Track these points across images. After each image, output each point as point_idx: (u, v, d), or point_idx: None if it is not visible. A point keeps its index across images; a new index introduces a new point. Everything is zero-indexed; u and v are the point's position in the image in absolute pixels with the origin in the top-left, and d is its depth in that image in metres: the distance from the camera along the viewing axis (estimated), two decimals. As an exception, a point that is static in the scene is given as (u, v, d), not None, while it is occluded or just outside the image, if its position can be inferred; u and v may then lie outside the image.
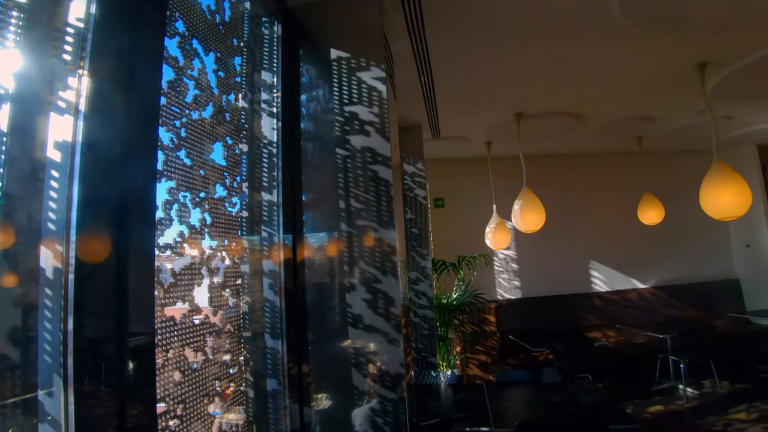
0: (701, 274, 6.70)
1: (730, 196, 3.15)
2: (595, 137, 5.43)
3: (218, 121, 1.81)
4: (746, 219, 6.57)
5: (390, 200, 1.69)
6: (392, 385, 1.69)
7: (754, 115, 5.17)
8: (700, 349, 4.84)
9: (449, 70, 3.16)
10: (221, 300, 1.74)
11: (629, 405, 4.75)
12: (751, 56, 3.35)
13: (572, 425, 2.34)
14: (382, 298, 1.69)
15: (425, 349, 3.94)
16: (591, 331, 5.93)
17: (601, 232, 6.47)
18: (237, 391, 1.81)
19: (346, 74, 1.92)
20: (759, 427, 4.00)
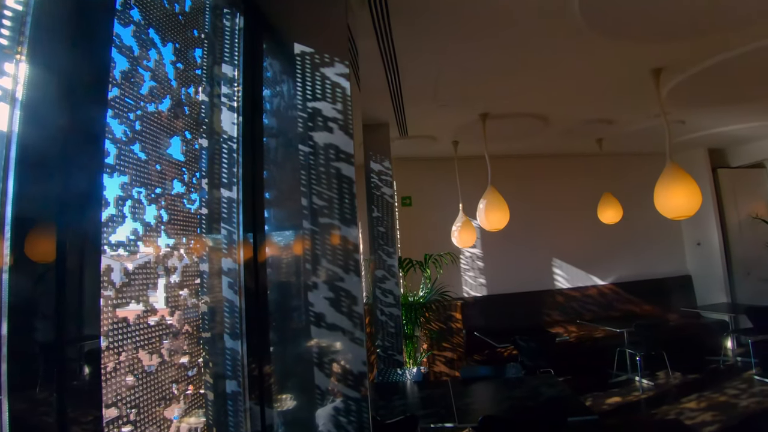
0: (656, 270, 7.02)
1: (681, 197, 3.30)
2: (557, 139, 5.57)
3: (176, 114, 1.75)
4: (697, 219, 6.93)
5: (353, 198, 1.67)
6: (355, 384, 1.68)
7: (705, 121, 5.44)
8: (654, 342, 5.06)
9: (416, 69, 3.17)
10: (179, 300, 1.68)
11: (589, 397, 4.92)
12: (702, 64, 3.51)
13: (533, 419, 2.39)
14: (344, 296, 1.67)
15: (392, 347, 3.95)
16: (553, 326, 6.10)
17: (563, 230, 6.66)
18: (196, 394, 1.76)
19: (310, 70, 1.89)
20: (708, 414, 4.22)
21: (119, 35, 1.44)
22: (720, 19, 2.83)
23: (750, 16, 2.81)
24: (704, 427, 3.97)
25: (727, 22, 2.87)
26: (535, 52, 3.09)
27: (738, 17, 2.81)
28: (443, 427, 2.61)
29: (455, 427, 2.61)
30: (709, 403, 4.50)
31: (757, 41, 3.16)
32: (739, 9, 2.71)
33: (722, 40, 3.13)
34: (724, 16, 2.79)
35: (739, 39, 3.13)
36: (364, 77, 3.08)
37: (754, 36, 3.09)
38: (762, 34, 3.06)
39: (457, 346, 5.33)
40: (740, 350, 6.11)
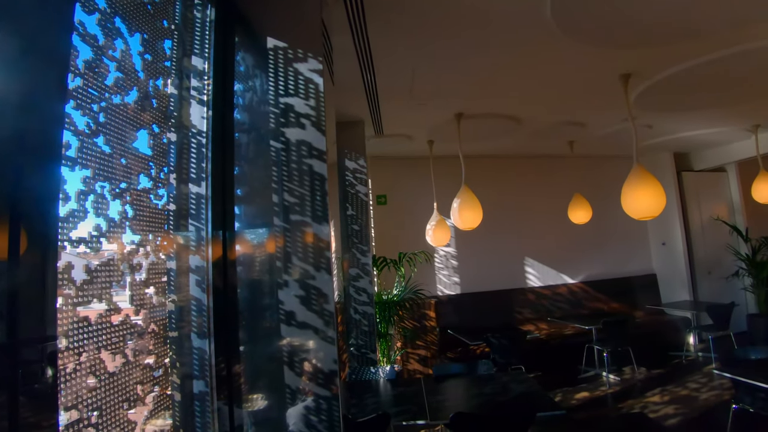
0: (623, 269, 7.24)
1: (647, 198, 3.41)
2: (530, 140, 5.67)
3: (143, 107, 1.69)
4: (662, 219, 7.18)
5: (324, 195, 1.66)
6: (326, 383, 1.67)
7: (671, 125, 5.64)
8: (620, 338, 5.23)
9: (391, 67, 3.16)
10: (144, 299, 1.64)
11: (558, 392, 5.04)
12: (668, 71, 3.63)
13: (503, 414, 2.43)
14: (315, 294, 1.65)
15: (365, 345, 3.94)
16: (525, 324, 6.22)
17: (535, 230, 6.79)
18: (162, 395, 1.71)
19: (283, 65, 1.86)
20: (671, 408, 4.38)
21: (83, 23, 1.38)
22: (685, 29, 2.93)
23: (714, 27, 2.92)
24: (667, 420, 4.13)
25: (693, 32, 2.98)
26: (509, 54, 3.13)
27: (703, 27, 2.92)
28: (415, 425, 2.62)
29: (427, 424, 2.63)
30: (671, 397, 4.68)
31: (720, 50, 3.28)
32: (704, 20, 2.82)
33: (687, 48, 3.25)
34: (690, 25, 2.90)
35: (703, 48, 3.25)
36: (339, 74, 3.05)
37: (718, 45, 3.22)
38: (724, 43, 3.19)
39: (431, 344, 5.37)
40: (701, 346, 6.38)
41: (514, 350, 4.68)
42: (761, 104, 4.83)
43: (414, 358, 5.32)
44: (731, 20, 2.84)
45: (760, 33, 3.05)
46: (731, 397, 3.47)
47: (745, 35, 3.08)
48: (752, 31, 3.03)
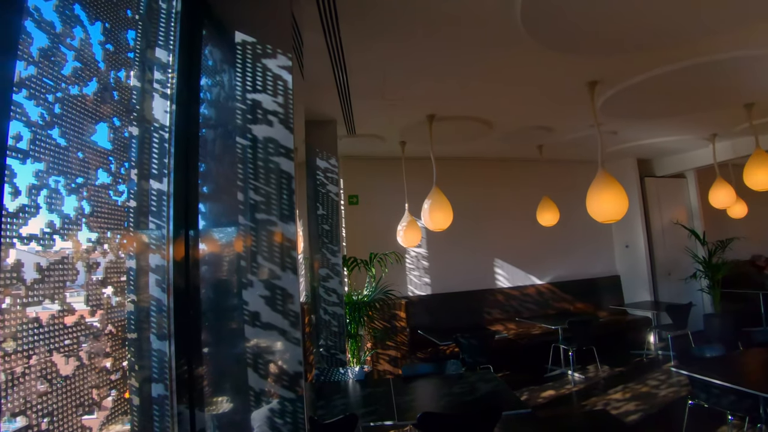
0: (588, 271, 7.45)
1: (610, 202, 3.51)
2: (501, 143, 5.76)
3: (103, 99, 1.63)
4: (626, 223, 7.44)
5: (291, 194, 1.63)
6: (291, 384, 1.64)
7: (635, 132, 5.84)
8: (585, 337, 5.37)
9: (364, 66, 3.15)
10: (101, 299, 1.57)
11: (525, 391, 5.14)
12: (633, 79, 3.75)
13: (470, 414, 2.45)
14: (280, 294, 1.62)
15: (335, 346, 3.91)
16: (494, 324, 6.32)
17: (504, 232, 6.90)
18: (120, 399, 1.65)
19: (251, 60, 1.83)
20: (632, 404, 4.54)
21: (38, 8, 1.33)
22: (650, 40, 3.04)
23: (679, 38, 3.04)
24: (628, 417, 4.27)
25: (657, 42, 3.09)
26: (479, 57, 3.16)
27: (667, 38, 3.03)
28: (383, 425, 2.62)
29: (395, 425, 2.63)
30: (633, 394, 4.84)
31: (683, 61, 3.42)
32: (668, 31, 2.93)
33: (651, 58, 3.37)
34: (655, 36, 3.01)
35: (666, 58, 3.38)
36: (311, 71, 3.02)
37: (681, 56, 3.35)
38: (686, 54, 3.32)
39: (401, 344, 5.38)
40: (661, 344, 6.63)
41: (482, 350, 4.74)
42: (718, 114, 5.07)
43: (384, 359, 5.32)
44: (691, 33, 2.96)
45: (716, 47, 3.20)
46: (688, 393, 3.62)
47: (703, 48, 3.22)
48: (709, 45, 3.17)
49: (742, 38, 3.08)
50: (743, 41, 3.13)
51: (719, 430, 3.72)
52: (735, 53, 3.32)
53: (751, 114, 4.72)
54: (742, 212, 6.53)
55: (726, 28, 2.90)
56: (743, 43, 3.16)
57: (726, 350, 3.63)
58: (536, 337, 5.94)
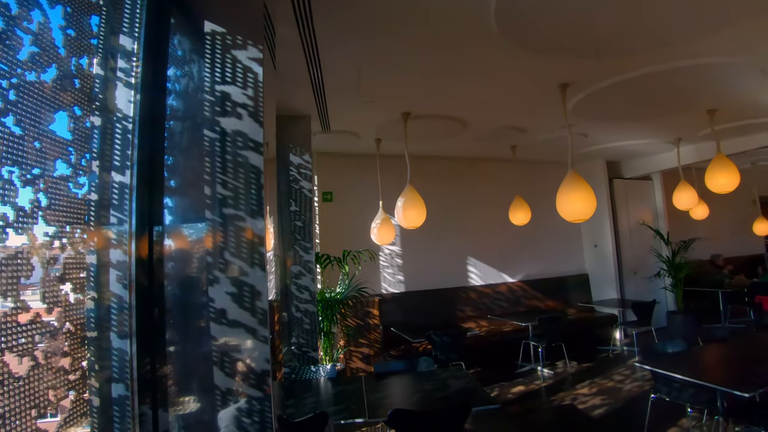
0: (559, 269, 7.62)
1: (579, 202, 3.59)
2: (475, 143, 5.81)
3: (63, 86, 1.56)
4: (595, 223, 7.64)
5: (260, 189, 1.59)
6: (258, 383, 1.61)
7: (604, 135, 6.00)
8: (554, 334, 5.50)
9: (338, 62, 3.12)
10: (59, 296, 1.51)
11: (496, 387, 5.22)
12: (602, 83, 3.85)
13: (440, 410, 2.47)
14: (248, 291, 1.58)
15: (306, 344, 3.87)
16: (466, 321, 6.39)
17: (477, 230, 6.98)
18: (79, 400, 1.58)
19: (221, 51, 1.78)
20: (598, 398, 4.67)
21: (-9, -12, 1.25)
22: (619, 45, 3.11)
23: (646, 44, 3.12)
24: (594, 411, 4.39)
25: (626, 48, 3.17)
26: (454, 57, 3.18)
27: (636, 44, 3.11)
28: (354, 423, 2.61)
29: (365, 422, 2.63)
30: (599, 389, 4.99)
31: (650, 66, 3.52)
32: (637, 37, 3.01)
33: (620, 62, 3.46)
34: (624, 42, 3.09)
35: (634, 63, 3.48)
36: (284, 65, 2.97)
37: (648, 62, 3.45)
38: (653, 60, 3.42)
39: (374, 341, 5.38)
40: (627, 341, 6.85)
41: (454, 347, 4.78)
42: (683, 119, 5.25)
43: (357, 356, 5.30)
44: (658, 40, 3.06)
45: (681, 54, 3.31)
46: (651, 387, 3.74)
47: (669, 55, 3.33)
48: (675, 52, 3.28)
49: (705, 46, 3.19)
50: (707, 49, 3.25)
51: (680, 423, 3.87)
52: (698, 60, 3.44)
53: (713, 120, 4.91)
54: (704, 214, 6.81)
55: (690, 36, 3.01)
56: (707, 51, 3.28)
57: (687, 346, 3.77)
58: (507, 334, 6.04)
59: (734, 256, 8.92)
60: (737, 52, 3.35)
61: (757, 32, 3.00)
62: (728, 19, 2.81)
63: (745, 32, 2.99)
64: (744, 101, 4.60)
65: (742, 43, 3.18)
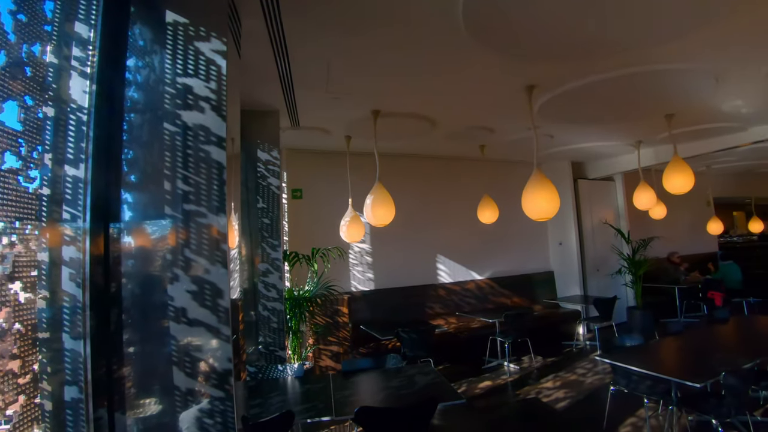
0: (525, 266, 7.80)
1: (543, 201, 3.68)
2: (444, 141, 5.86)
3: (13, 74, 1.48)
4: (560, 222, 7.86)
5: (222, 184, 1.56)
6: (220, 383, 1.57)
7: (569, 137, 6.17)
8: (520, 330, 5.63)
9: (307, 57, 3.07)
10: (8, 295, 1.44)
11: (464, 382, 5.31)
12: (567, 85, 3.94)
13: (406, 406, 2.49)
14: (209, 289, 1.55)
15: (274, 342, 3.82)
16: (435, 318, 6.46)
17: (446, 228, 7.06)
18: (29, 405, 1.51)
19: (183, 42, 1.72)
20: (561, 392, 4.82)
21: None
22: (583, 49, 3.20)
23: (613, 48, 3.22)
24: (557, 403, 4.53)
25: (590, 52, 3.26)
26: (424, 56, 3.18)
27: (602, 48, 3.20)
28: (321, 421, 2.60)
29: (332, 420, 2.62)
30: (562, 382, 5.14)
31: (612, 71, 3.64)
32: (602, 42, 3.10)
33: (584, 66, 3.55)
34: (588, 46, 3.17)
35: (598, 68, 3.58)
36: (252, 59, 2.91)
37: (610, 66, 3.56)
38: (615, 65, 3.53)
39: (344, 339, 5.36)
40: (589, 335, 7.09)
41: (423, 344, 4.83)
42: (643, 123, 5.47)
43: (326, 355, 5.28)
44: (619, 45, 3.16)
45: (641, 60, 3.43)
46: (611, 380, 3.88)
47: (630, 60, 3.45)
48: (635, 58, 3.40)
49: (664, 53, 3.32)
50: (665, 56, 3.38)
51: (637, 413, 4.03)
52: (657, 67, 3.58)
53: (670, 124, 5.12)
54: (662, 214, 7.12)
55: (647, 43, 3.13)
56: (665, 57, 3.41)
57: (644, 340, 3.93)
58: (475, 330, 6.14)
59: (690, 254, 9.37)
60: (693, 60, 3.51)
61: (711, 41, 3.15)
62: (684, 28, 2.93)
63: (701, 41, 3.14)
64: (699, 107, 4.82)
65: (698, 51, 3.33)
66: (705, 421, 3.65)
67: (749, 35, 3.09)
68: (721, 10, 2.71)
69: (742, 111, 5.05)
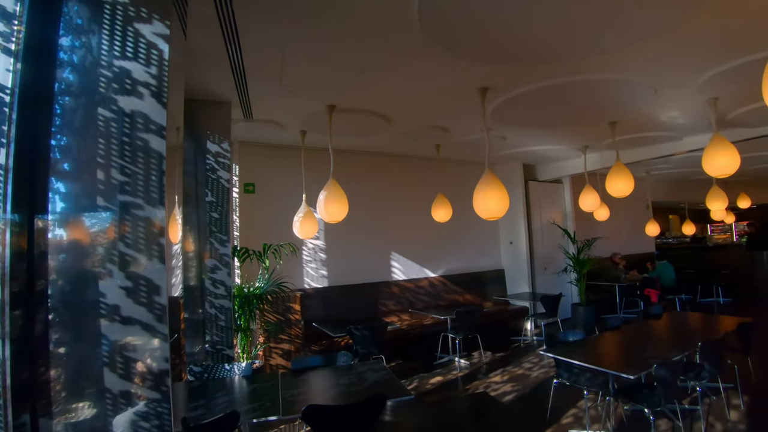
0: (477, 264, 8.00)
1: (493, 201, 3.78)
2: (400, 139, 5.88)
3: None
4: (511, 222, 8.11)
5: (161, 175, 1.48)
6: (156, 384, 1.50)
7: (521, 139, 6.36)
8: (471, 326, 5.76)
9: (260, 46, 2.97)
10: None
11: (415, 378, 5.37)
12: (518, 89, 4.05)
13: (355, 404, 2.48)
14: (145, 285, 1.46)
15: (221, 341, 3.70)
16: (389, 315, 6.49)
17: (401, 226, 7.10)
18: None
19: (122, 23, 1.62)
20: (509, 385, 4.98)
21: None
22: (534, 54, 3.29)
23: (559, 56, 3.34)
24: (504, 397, 4.67)
25: (539, 57, 3.36)
26: (379, 52, 3.16)
27: (549, 56, 3.31)
28: (267, 421, 2.54)
29: (280, 419, 2.56)
30: (510, 376, 5.31)
31: (561, 77, 3.77)
32: (549, 50, 3.20)
33: (536, 72, 3.66)
34: (537, 54, 3.27)
35: (547, 73, 3.70)
36: (201, 46, 2.78)
37: (560, 73, 3.69)
38: (566, 72, 3.67)
39: (295, 337, 5.28)
40: (536, 331, 7.37)
41: (375, 341, 4.84)
42: (589, 129, 5.73)
43: (277, 353, 5.18)
44: (569, 53, 3.28)
45: (587, 68, 3.59)
46: (555, 373, 4.04)
47: (578, 68, 3.60)
48: (583, 66, 3.55)
49: (610, 62, 3.48)
50: (611, 65, 3.55)
51: (578, 404, 4.23)
52: (603, 75, 3.76)
53: (614, 131, 5.41)
54: (605, 215, 7.52)
55: (595, 52, 3.27)
56: (610, 66, 3.58)
57: (585, 335, 4.12)
58: (428, 327, 6.23)
59: (630, 254, 9.95)
60: (634, 71, 3.71)
61: (652, 54, 3.34)
62: (627, 41, 3.09)
63: (642, 53, 3.32)
64: (640, 116, 5.11)
65: (639, 63, 3.52)
66: (639, 410, 3.89)
67: (686, 50, 3.30)
68: (662, 25, 2.88)
69: (678, 121, 5.40)
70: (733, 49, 3.34)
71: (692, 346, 3.62)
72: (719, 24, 2.90)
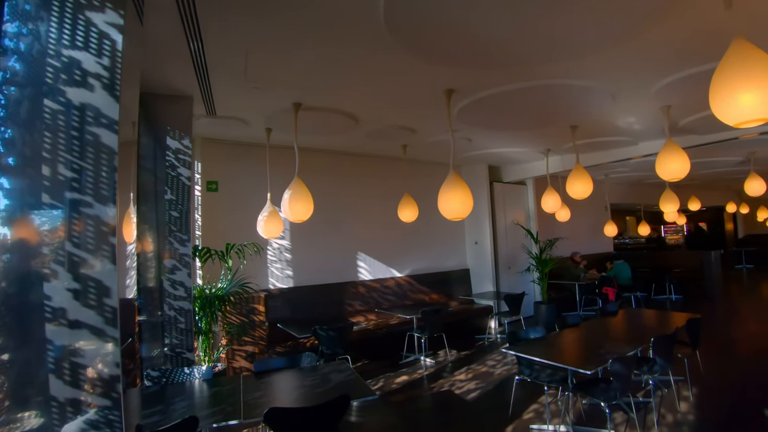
0: (443, 264, 8.10)
1: (457, 201, 3.83)
2: (367, 139, 5.87)
3: None
4: (476, 222, 8.25)
5: (112, 171, 1.41)
6: (106, 391, 1.43)
7: (486, 141, 6.48)
8: (436, 325, 5.82)
9: (223, 40, 2.89)
10: None
11: (381, 378, 5.38)
12: (484, 92, 4.12)
13: (318, 405, 2.45)
14: (93, 287, 1.39)
15: (180, 344, 3.57)
16: (355, 315, 6.48)
17: (367, 225, 7.10)
18: None
19: (72, 10, 1.53)
20: (473, 383, 5.06)
21: None
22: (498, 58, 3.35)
23: (522, 60, 3.41)
24: (469, 394, 4.75)
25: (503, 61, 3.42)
26: (346, 50, 3.14)
27: (512, 59, 3.38)
28: (228, 426, 2.47)
29: (241, 423, 2.50)
30: (474, 374, 5.40)
31: (524, 81, 3.87)
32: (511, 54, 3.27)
33: (500, 75, 3.73)
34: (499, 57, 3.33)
35: (511, 77, 3.78)
36: (160, 37, 2.67)
37: (523, 77, 3.78)
38: (527, 76, 3.76)
39: (260, 339, 5.18)
40: (500, 329, 7.53)
41: (340, 341, 4.81)
42: (551, 132, 5.90)
43: (241, 355, 5.06)
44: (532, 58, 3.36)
45: (551, 73, 3.69)
46: (517, 370, 4.13)
47: (538, 73, 3.69)
48: (542, 71, 3.65)
49: (573, 68, 3.60)
50: (574, 71, 3.67)
51: (539, 400, 4.35)
52: (564, 81, 3.88)
53: (574, 135, 5.59)
54: (566, 217, 7.77)
55: (555, 58, 3.36)
56: (574, 72, 3.70)
57: (545, 332, 4.24)
58: (394, 326, 6.25)
59: (589, 254, 10.33)
60: (593, 78, 3.85)
61: (610, 62, 3.47)
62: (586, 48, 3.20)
63: (601, 61, 3.44)
64: (599, 121, 5.31)
65: (598, 70, 3.66)
66: (596, 404, 4.04)
67: (641, 59, 3.45)
68: (620, 35, 2.99)
69: (635, 127, 5.65)
70: (684, 60, 3.52)
71: (646, 342, 3.79)
72: (672, 36, 3.05)
